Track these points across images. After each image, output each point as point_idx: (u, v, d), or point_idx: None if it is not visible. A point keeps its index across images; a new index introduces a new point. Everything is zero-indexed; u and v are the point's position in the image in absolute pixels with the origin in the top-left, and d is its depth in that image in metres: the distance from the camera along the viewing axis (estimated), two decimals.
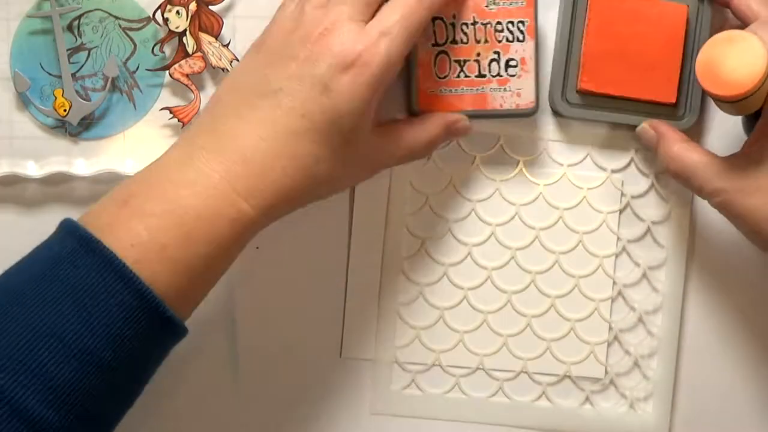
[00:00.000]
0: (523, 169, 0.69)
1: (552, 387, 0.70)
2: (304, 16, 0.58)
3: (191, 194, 0.54)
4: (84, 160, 0.67)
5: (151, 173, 0.56)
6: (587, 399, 0.70)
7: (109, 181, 0.67)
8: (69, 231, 0.54)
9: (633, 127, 0.67)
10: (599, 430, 0.70)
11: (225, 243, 0.55)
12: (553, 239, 0.69)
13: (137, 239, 0.53)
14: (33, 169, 0.66)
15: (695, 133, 0.68)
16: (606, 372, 0.69)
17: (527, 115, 0.67)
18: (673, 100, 0.66)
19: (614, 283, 0.69)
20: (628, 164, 0.69)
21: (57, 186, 0.67)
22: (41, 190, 0.67)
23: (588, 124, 0.68)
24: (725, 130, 0.69)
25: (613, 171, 0.69)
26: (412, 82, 0.66)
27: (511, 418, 0.70)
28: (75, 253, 0.53)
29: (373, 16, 0.58)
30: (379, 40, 0.56)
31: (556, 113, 0.68)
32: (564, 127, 0.69)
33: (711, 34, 0.67)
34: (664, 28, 0.66)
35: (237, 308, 0.68)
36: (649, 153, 0.68)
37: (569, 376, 0.70)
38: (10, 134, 0.66)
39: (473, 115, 0.66)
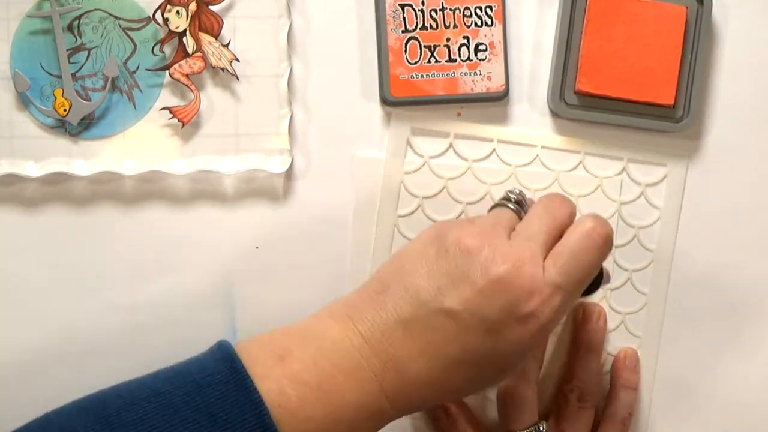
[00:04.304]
0: (515, 175, 0.69)
1: None
2: (493, 236, 0.57)
3: (345, 381, 0.55)
4: (84, 161, 0.67)
5: (310, 335, 0.57)
6: None
7: (109, 180, 0.67)
8: (225, 357, 0.56)
9: (631, 129, 0.68)
10: None
11: (366, 429, 0.57)
12: None
13: (286, 403, 0.54)
14: (33, 169, 0.66)
15: (694, 135, 0.69)
16: None
17: (498, 98, 0.67)
18: (672, 102, 0.67)
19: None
20: (621, 171, 0.69)
21: (57, 186, 0.67)
22: (41, 190, 0.67)
23: (585, 126, 0.69)
24: (724, 132, 0.69)
25: (605, 178, 0.69)
26: (383, 68, 0.66)
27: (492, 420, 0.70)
28: (227, 384, 0.54)
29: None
30: (553, 294, 0.56)
31: (554, 114, 0.68)
32: (561, 129, 0.69)
33: (711, 36, 0.67)
34: (662, 30, 0.66)
35: (237, 308, 0.68)
36: (641, 163, 0.69)
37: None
38: (10, 134, 0.66)
39: (445, 100, 0.67)
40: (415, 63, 0.67)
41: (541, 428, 0.66)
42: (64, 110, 0.66)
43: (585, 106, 0.68)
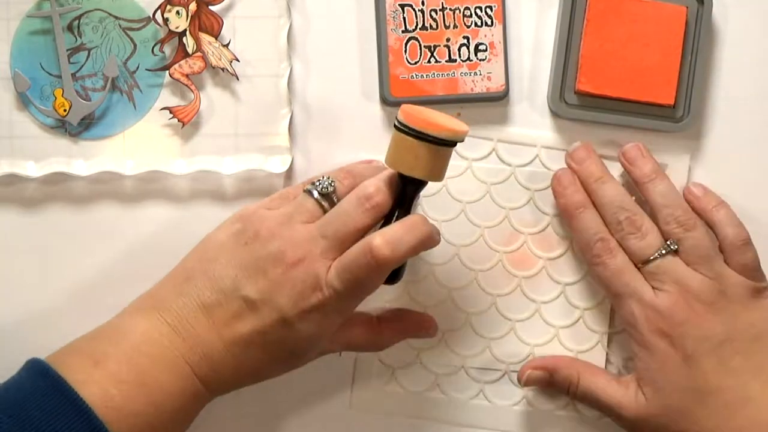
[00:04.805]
0: (515, 175, 0.69)
1: (533, 391, 0.70)
2: (289, 228, 0.60)
3: (160, 372, 0.59)
4: (84, 161, 0.67)
5: (121, 333, 0.60)
6: (569, 403, 0.70)
7: (109, 180, 0.67)
8: (40, 372, 0.57)
9: (631, 129, 0.68)
10: None
11: (188, 412, 0.61)
12: (541, 244, 0.69)
13: (111, 403, 0.57)
14: (33, 169, 0.66)
15: (694, 135, 0.69)
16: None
17: (498, 98, 0.68)
18: (672, 102, 0.67)
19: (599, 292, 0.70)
20: (621, 172, 0.69)
21: (57, 186, 0.67)
22: (41, 190, 0.67)
23: (585, 126, 0.69)
24: (724, 132, 0.69)
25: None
26: (383, 68, 0.67)
27: (490, 421, 0.70)
28: (48, 397, 0.56)
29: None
30: (332, 296, 0.59)
31: (554, 114, 0.68)
32: (561, 129, 0.69)
33: (711, 36, 0.67)
34: (663, 30, 0.66)
35: None
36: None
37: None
38: (10, 134, 0.66)
39: (445, 100, 0.67)
40: (415, 63, 0.67)
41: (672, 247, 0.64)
42: (64, 110, 0.66)
43: (585, 106, 0.68)
